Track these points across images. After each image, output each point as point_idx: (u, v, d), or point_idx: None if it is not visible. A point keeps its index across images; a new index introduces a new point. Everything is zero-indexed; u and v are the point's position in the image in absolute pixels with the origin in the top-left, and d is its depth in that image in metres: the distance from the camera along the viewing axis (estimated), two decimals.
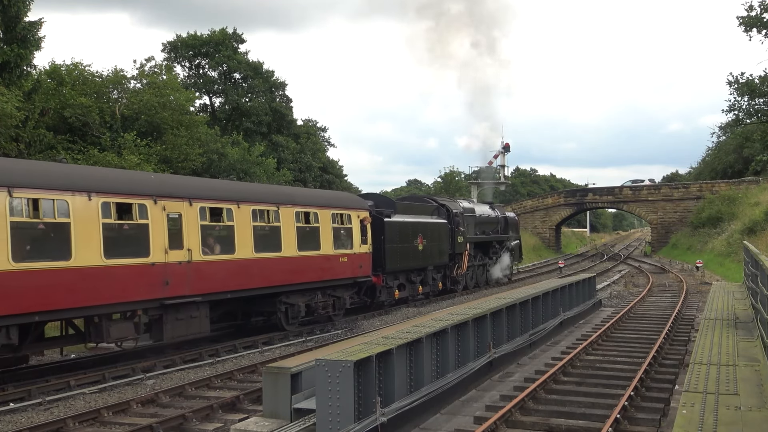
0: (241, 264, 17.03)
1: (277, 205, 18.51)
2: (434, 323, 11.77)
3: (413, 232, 26.06)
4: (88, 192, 13.33)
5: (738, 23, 42.19)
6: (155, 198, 14.79)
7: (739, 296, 18.39)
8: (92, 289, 13.31)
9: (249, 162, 39.96)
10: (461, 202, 33.31)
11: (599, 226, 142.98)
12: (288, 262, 18.69)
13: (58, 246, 12.77)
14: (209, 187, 17.62)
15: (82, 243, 13.07)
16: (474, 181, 79.03)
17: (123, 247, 14.12)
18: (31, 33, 25.38)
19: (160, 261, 14.71)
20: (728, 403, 7.42)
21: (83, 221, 13.13)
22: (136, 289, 14.25)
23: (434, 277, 28.32)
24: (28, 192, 12.23)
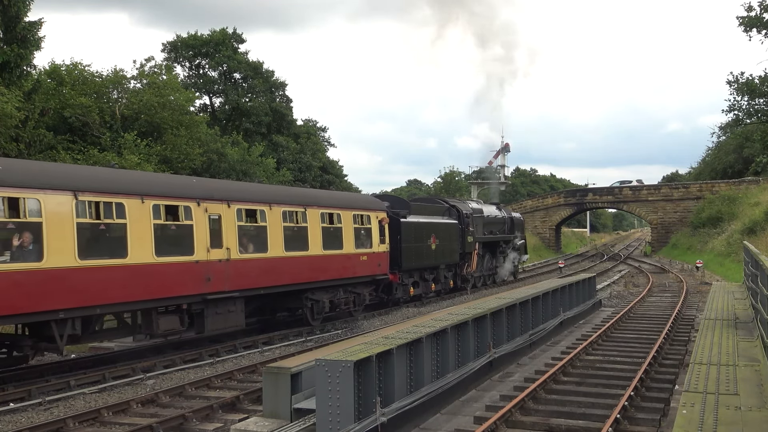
0: (273, 262, 18.11)
1: (305, 206, 19.61)
2: (434, 323, 11.77)
3: (427, 232, 27.07)
4: (141, 195, 14.48)
5: (738, 23, 42.19)
6: (198, 200, 15.95)
7: (739, 296, 18.39)
8: (145, 284, 14.44)
9: (249, 162, 39.97)
10: (470, 203, 34.28)
11: (599, 226, 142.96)
12: (314, 260, 19.76)
13: (116, 245, 13.95)
14: (245, 190, 18.81)
15: (137, 242, 14.25)
16: (474, 181, 79.06)
17: (171, 246, 15.23)
18: (31, 33, 25.38)
19: (202, 259, 15.83)
20: (728, 403, 7.42)
21: (137, 222, 14.31)
22: (181, 285, 15.34)
23: (446, 276, 29.29)
24: (91, 196, 13.42)
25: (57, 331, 12.94)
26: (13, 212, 12.19)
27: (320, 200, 20.83)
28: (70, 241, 12.88)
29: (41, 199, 12.47)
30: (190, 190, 16.08)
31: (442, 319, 12.40)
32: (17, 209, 12.22)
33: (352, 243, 21.60)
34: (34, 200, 12.41)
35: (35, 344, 13.50)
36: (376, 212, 23.26)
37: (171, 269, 15.04)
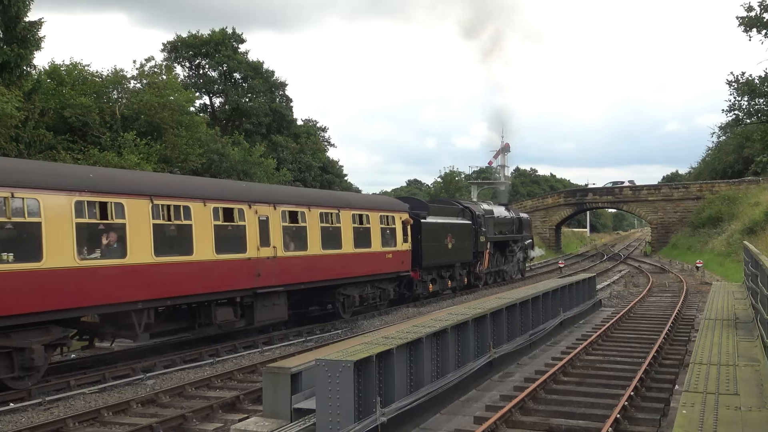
0: (312, 259, 19.85)
1: (338, 208, 21.36)
2: (434, 323, 11.77)
3: (444, 232, 28.73)
4: (203, 199, 16.19)
5: (738, 23, 42.21)
6: (250, 203, 17.60)
7: (739, 296, 18.39)
8: (206, 279, 16.09)
9: (249, 162, 39.99)
10: (482, 204, 35.95)
11: (599, 226, 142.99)
12: (346, 258, 21.49)
13: (183, 243, 15.57)
14: (289, 193, 20.81)
15: (201, 241, 15.94)
16: (474, 181, 79.08)
17: (227, 245, 16.78)
18: (31, 33, 25.37)
19: (253, 256, 17.50)
20: (728, 403, 7.42)
21: (201, 223, 16.00)
22: (236, 280, 17.02)
23: (460, 273, 31.00)
24: (163, 200, 15.14)
25: (136, 320, 14.50)
26: (102, 215, 13.83)
27: (351, 202, 22.69)
28: (148, 240, 14.58)
29: (125, 204, 14.18)
30: (242, 194, 17.84)
31: (442, 319, 12.40)
32: (105, 212, 13.82)
33: (379, 242, 23.37)
34: (119, 204, 14.12)
35: (115, 332, 15.00)
36: (399, 213, 25.05)
37: (227, 265, 16.72)
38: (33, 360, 12.66)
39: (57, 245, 12.74)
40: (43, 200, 12.59)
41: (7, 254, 11.98)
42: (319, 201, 20.88)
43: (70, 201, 13.14)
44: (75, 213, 13.16)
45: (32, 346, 12.62)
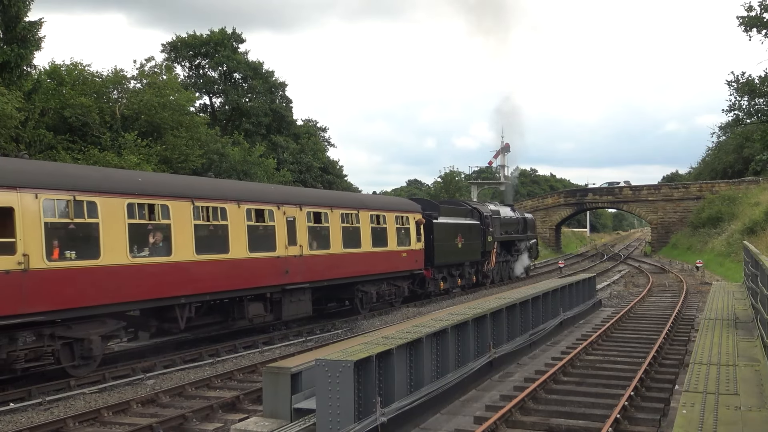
0: (334, 258, 20.99)
1: (357, 209, 22.56)
2: (434, 323, 11.77)
3: (454, 232, 29.81)
4: (238, 201, 17.32)
5: (738, 23, 42.17)
6: (278, 204, 18.78)
7: (739, 296, 18.38)
8: (241, 276, 17.15)
9: (249, 162, 40.00)
10: (489, 205, 36.84)
11: (599, 226, 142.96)
12: (365, 256, 22.66)
13: (220, 242, 16.66)
14: (313, 195, 22.38)
15: (236, 240, 17.02)
16: (474, 181, 79.07)
17: (259, 244, 17.86)
18: (31, 33, 25.39)
19: (282, 255, 18.66)
20: (728, 403, 7.42)
21: (235, 224, 17.10)
22: (267, 277, 18.17)
23: (469, 272, 32.11)
24: (203, 202, 16.29)
25: (179, 313, 15.57)
26: (150, 216, 14.85)
27: (369, 204, 23.96)
28: (190, 239, 15.72)
29: (170, 206, 15.26)
30: (272, 196, 19.06)
31: (442, 319, 12.40)
32: (153, 214, 14.93)
33: (395, 241, 24.55)
34: (165, 206, 15.20)
35: (159, 325, 15.93)
36: (413, 214, 26.19)
37: (259, 263, 17.82)
38: (92, 350, 13.78)
39: (112, 244, 13.86)
40: (100, 203, 13.73)
41: (70, 252, 13.07)
42: (341, 202, 22.19)
43: (123, 203, 14.23)
44: (127, 214, 14.28)
45: (91, 336, 13.72)
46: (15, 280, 12.05)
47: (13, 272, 12.04)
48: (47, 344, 12.97)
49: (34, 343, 12.73)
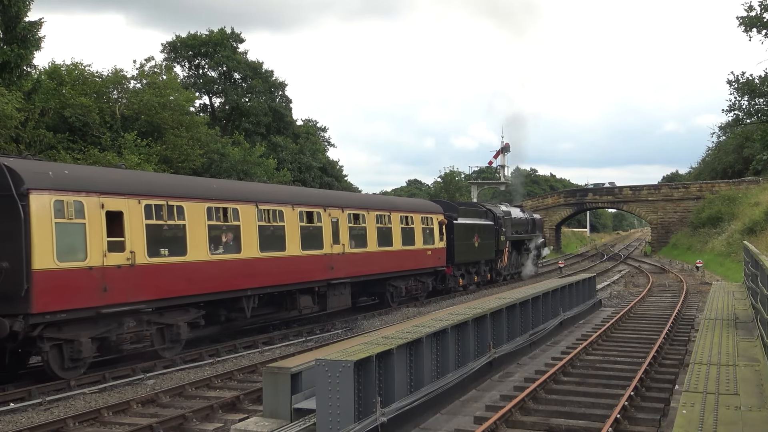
0: (370, 255, 23.19)
1: (390, 211, 24.67)
2: (434, 323, 11.77)
3: (472, 232, 31.75)
4: (292, 204, 19.37)
5: (738, 23, 42.18)
6: (324, 207, 20.80)
7: (739, 296, 18.38)
8: (295, 271, 19.21)
9: (249, 162, 40.01)
10: (501, 206, 38.71)
11: (599, 226, 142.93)
12: (396, 254, 24.77)
13: (279, 241, 18.63)
14: (353, 198, 24.94)
15: (291, 239, 19.14)
16: (474, 181, 79.11)
17: (309, 242, 19.90)
18: (31, 33, 25.38)
19: (328, 252, 20.69)
20: (728, 403, 7.42)
21: (291, 224, 19.16)
22: (316, 272, 20.18)
23: (484, 269, 34.01)
24: (265, 205, 18.27)
25: (246, 304, 17.48)
26: (224, 218, 16.87)
27: (399, 206, 26.31)
28: (255, 238, 17.64)
29: (239, 209, 17.30)
30: (320, 199, 21.33)
31: (442, 319, 12.39)
32: (226, 216, 16.95)
33: (421, 240, 26.60)
34: (235, 209, 17.21)
35: (228, 315, 17.73)
36: (436, 215, 28.22)
37: (309, 260, 19.87)
38: (179, 334, 15.76)
39: (196, 242, 15.88)
40: (186, 207, 15.75)
41: (163, 249, 15.08)
42: (376, 205, 24.51)
43: (204, 207, 16.25)
44: (207, 217, 16.31)
45: (179, 322, 15.69)
46: (124, 273, 14.12)
47: (123, 267, 14.11)
48: (145, 329, 15.03)
49: (135, 327, 14.80)
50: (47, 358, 13.21)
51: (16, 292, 12.34)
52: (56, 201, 13.02)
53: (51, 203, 12.92)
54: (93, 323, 13.78)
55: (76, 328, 13.49)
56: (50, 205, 12.90)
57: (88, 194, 13.63)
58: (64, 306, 13.03)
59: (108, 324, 14.05)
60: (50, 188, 13.00)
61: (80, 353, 13.50)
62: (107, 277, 13.73)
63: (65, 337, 13.35)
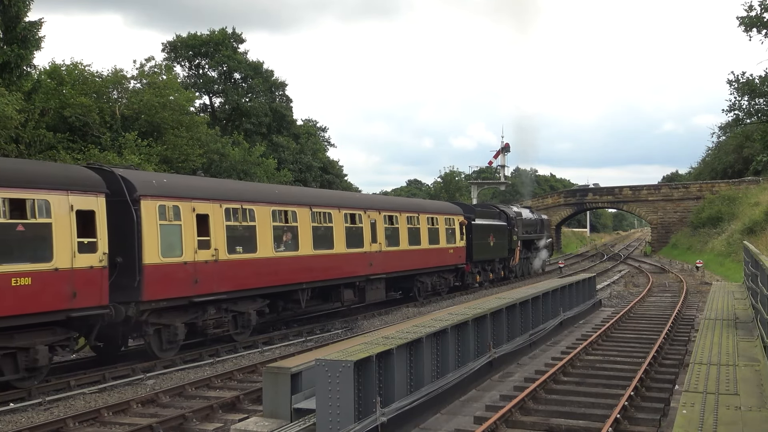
0: (402, 253, 25.61)
1: (418, 213, 27.25)
2: (434, 323, 11.77)
3: (488, 232, 34.00)
4: (339, 207, 21.82)
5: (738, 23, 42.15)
6: (365, 209, 23.30)
7: (739, 296, 18.38)
8: (341, 267, 21.62)
9: (250, 162, 40.00)
10: (513, 207, 41.02)
11: (599, 226, 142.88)
12: (423, 252, 27.20)
13: (328, 240, 21.02)
14: (389, 201, 28.28)
15: (338, 239, 21.39)
16: (474, 181, 79.05)
17: (352, 241, 22.20)
18: (31, 33, 25.34)
19: (368, 250, 23.08)
20: (728, 403, 7.42)
21: (338, 225, 21.54)
22: (357, 268, 22.59)
23: (498, 267, 36.17)
24: (317, 208, 20.72)
25: (301, 296, 19.91)
26: (284, 219, 19.24)
27: (426, 208, 28.92)
28: (309, 238, 20.07)
29: (297, 211, 19.64)
30: (361, 202, 23.92)
31: (442, 319, 12.40)
32: (286, 217, 19.27)
33: (445, 239, 29.00)
34: (293, 212, 19.51)
35: (285, 305, 20.09)
36: (457, 216, 30.73)
37: (352, 257, 22.25)
38: (250, 321, 18.08)
39: (263, 241, 18.20)
40: (256, 210, 18.06)
41: (239, 247, 17.30)
42: (407, 207, 27.18)
43: (269, 210, 18.62)
44: (272, 218, 18.57)
45: (249, 311, 17.95)
46: (210, 268, 16.42)
47: (210, 262, 16.41)
48: (223, 316, 17.17)
49: (215, 314, 16.94)
50: (149, 340, 15.40)
51: (129, 283, 14.49)
52: (160, 205, 15.28)
53: (156, 207, 15.17)
54: (185, 310, 16.10)
55: (173, 315, 15.78)
56: (156, 209, 15.14)
57: (183, 200, 15.94)
58: (166, 295, 15.35)
59: (196, 311, 16.39)
60: (155, 195, 15.25)
61: (176, 336, 15.78)
62: (198, 270, 16.07)
63: (164, 322, 15.60)
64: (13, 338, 12.45)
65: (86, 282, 13.34)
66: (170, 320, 15.67)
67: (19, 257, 12.33)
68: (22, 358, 12.62)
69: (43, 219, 12.71)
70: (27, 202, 12.48)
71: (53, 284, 12.75)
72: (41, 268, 12.56)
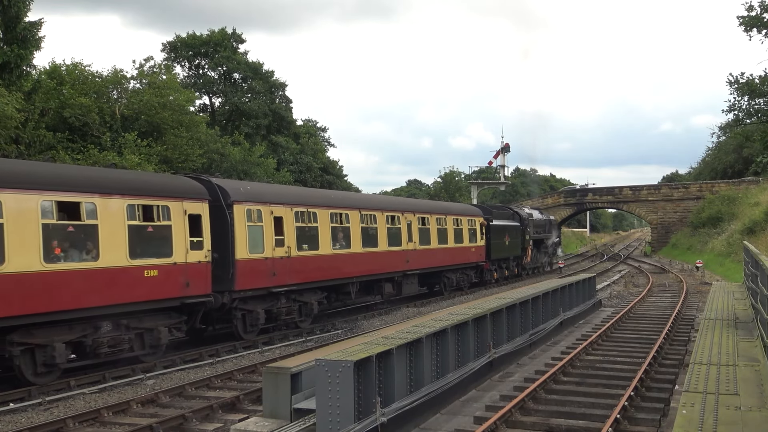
0: (433, 251, 28.26)
1: (445, 214, 29.94)
2: (434, 323, 11.77)
3: (504, 232, 36.47)
4: (382, 210, 24.62)
5: (738, 23, 42.14)
6: (402, 212, 26.16)
7: (739, 296, 18.38)
8: (383, 263, 24.33)
9: (250, 163, 40.00)
10: (525, 208, 43.63)
11: (599, 226, 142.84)
12: (450, 251, 29.88)
13: (373, 239, 23.79)
14: (422, 204, 30.79)
15: (381, 238, 24.22)
16: (474, 181, 79.05)
17: (392, 240, 25.02)
18: (31, 33, 25.34)
19: (405, 249, 25.87)
20: (728, 403, 7.42)
21: (381, 226, 24.25)
22: (397, 265, 25.30)
23: (512, 264, 38.36)
24: (366, 211, 23.50)
25: (351, 289, 22.55)
26: (339, 221, 21.75)
27: (452, 210, 31.69)
28: (359, 237, 22.81)
29: (349, 214, 22.33)
30: (399, 205, 27.08)
31: (442, 319, 12.39)
32: (341, 219, 21.83)
33: (468, 239, 31.71)
34: (346, 214, 22.22)
35: (337, 297, 22.56)
36: (478, 217, 33.43)
37: (392, 255, 24.99)
38: (312, 310, 20.71)
39: (324, 240, 20.87)
40: (318, 213, 20.72)
41: (305, 245, 19.98)
42: (436, 209, 29.85)
43: (328, 212, 21.26)
44: (330, 220, 21.25)
45: (311, 301, 20.58)
46: (284, 263, 19.00)
47: (284, 258, 18.97)
48: (291, 305, 19.68)
49: (285, 304, 19.41)
50: (237, 324, 17.90)
51: (224, 275, 17.05)
52: (247, 209, 17.92)
53: (245, 211, 17.81)
54: (263, 299, 18.61)
55: (255, 302, 18.33)
56: (244, 212, 17.77)
57: (264, 204, 18.59)
58: (251, 286, 17.92)
59: (272, 300, 18.94)
60: (243, 200, 17.93)
61: (257, 321, 18.32)
62: (275, 265, 18.65)
63: (249, 308, 18.11)
64: (142, 320, 15.08)
65: (196, 274, 16.08)
66: (253, 307, 18.21)
67: (149, 253, 14.99)
68: (148, 337, 15.23)
69: (165, 222, 15.42)
70: (154, 208, 15.16)
71: (173, 275, 15.44)
72: (164, 262, 15.25)
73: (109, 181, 14.56)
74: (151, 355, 15.36)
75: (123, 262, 14.21)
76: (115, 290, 14.05)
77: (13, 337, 12.67)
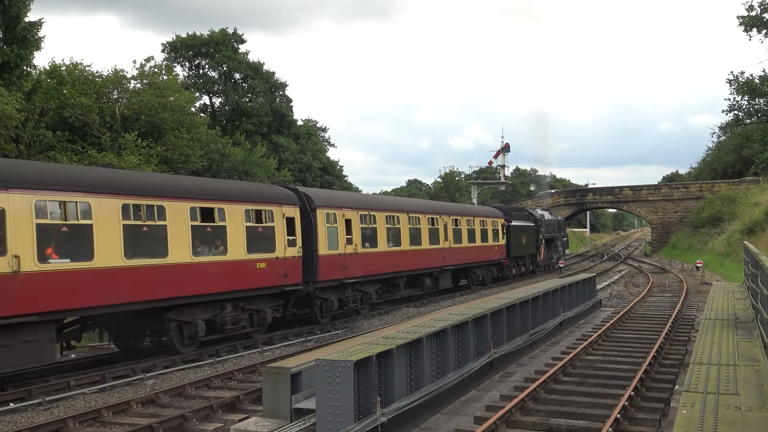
0: (463, 249, 31.22)
1: (474, 216, 33.13)
2: (434, 323, 11.77)
3: (521, 232, 39.22)
4: (424, 213, 27.77)
5: (738, 23, 42.18)
6: (440, 214, 29.07)
7: (739, 296, 18.38)
8: (424, 259, 27.42)
9: (251, 163, 39.98)
10: (537, 209, 46.92)
11: (599, 226, 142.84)
12: (477, 249, 33.10)
13: (417, 238, 26.68)
14: (454, 207, 33.33)
15: (424, 237, 27.28)
16: (474, 182, 79.08)
17: (432, 239, 28.01)
18: (31, 33, 25.33)
19: (442, 247, 28.81)
20: (728, 403, 7.41)
21: (423, 226, 27.33)
22: (435, 261, 28.35)
23: (528, 262, 40.99)
24: (412, 213, 26.51)
25: (400, 282, 25.67)
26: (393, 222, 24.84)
27: (478, 212, 34.93)
28: (407, 236, 25.84)
29: (399, 216, 25.47)
30: (437, 208, 29.96)
31: (442, 319, 12.39)
32: (393, 220, 24.87)
33: (491, 238, 34.93)
34: (397, 216, 25.25)
35: (388, 289, 25.53)
36: (500, 219, 36.58)
37: (432, 252, 28.06)
38: (371, 299, 24.06)
39: (381, 239, 24.01)
40: (377, 215, 23.82)
41: (367, 243, 23.02)
42: (466, 212, 33.19)
43: (384, 215, 24.37)
44: (385, 221, 24.45)
45: (371, 291, 23.85)
46: (353, 258, 22.03)
47: (352, 254, 22.01)
48: (356, 294, 22.90)
49: (351, 293, 22.58)
50: (316, 310, 21.03)
51: (310, 268, 20.09)
52: (326, 213, 20.98)
53: (324, 214, 20.85)
54: (336, 289, 21.73)
55: (330, 292, 21.51)
56: (324, 215, 20.83)
57: (337, 208, 21.63)
58: (330, 277, 21.07)
59: (343, 290, 22.07)
60: (323, 205, 20.95)
61: (332, 307, 21.66)
62: (346, 260, 21.72)
63: (325, 297, 21.26)
64: (252, 303, 18.21)
65: (291, 267, 19.26)
66: (329, 296, 21.40)
67: (260, 249, 18.06)
68: (257, 317, 18.43)
69: (270, 223, 18.58)
70: (263, 212, 18.36)
71: (276, 268, 18.64)
72: (270, 257, 18.44)
73: (233, 191, 18.10)
74: (257, 332, 18.53)
75: (243, 256, 17.43)
76: (237, 279, 17.34)
77: (170, 315, 15.67)
